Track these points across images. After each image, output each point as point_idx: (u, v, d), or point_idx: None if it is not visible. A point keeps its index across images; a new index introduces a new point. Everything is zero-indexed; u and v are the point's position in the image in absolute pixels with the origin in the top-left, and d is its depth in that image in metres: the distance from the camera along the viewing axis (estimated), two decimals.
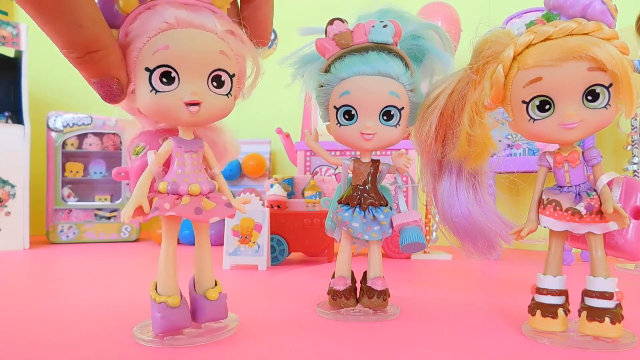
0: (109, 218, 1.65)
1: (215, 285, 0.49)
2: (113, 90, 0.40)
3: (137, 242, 1.65)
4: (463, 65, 0.50)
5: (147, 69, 0.40)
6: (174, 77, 0.40)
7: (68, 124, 1.61)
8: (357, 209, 0.56)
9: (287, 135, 1.37)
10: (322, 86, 0.55)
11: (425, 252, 1.21)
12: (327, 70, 0.54)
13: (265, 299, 0.69)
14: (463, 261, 1.13)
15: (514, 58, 0.44)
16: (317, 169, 1.27)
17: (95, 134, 1.67)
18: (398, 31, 0.52)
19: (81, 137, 1.66)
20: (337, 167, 1.26)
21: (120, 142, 1.68)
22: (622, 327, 0.45)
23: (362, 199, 0.56)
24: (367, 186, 0.57)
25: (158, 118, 0.44)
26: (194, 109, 0.41)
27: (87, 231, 1.61)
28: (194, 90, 0.41)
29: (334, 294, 0.58)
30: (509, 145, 1.21)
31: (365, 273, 0.60)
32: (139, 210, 0.42)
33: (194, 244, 0.50)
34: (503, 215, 0.54)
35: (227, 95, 0.43)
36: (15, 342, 0.46)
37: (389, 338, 0.48)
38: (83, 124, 1.63)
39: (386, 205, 0.57)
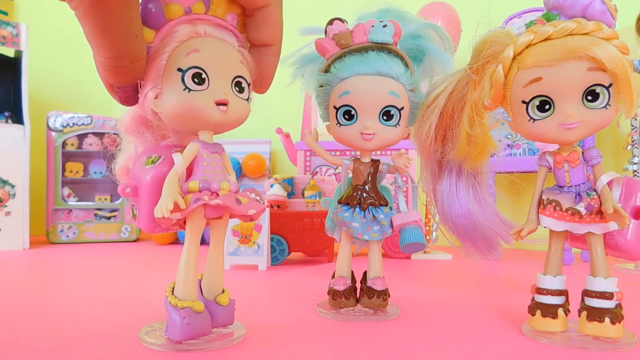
0: (109, 218, 1.65)
1: (223, 291, 0.49)
2: (132, 94, 0.43)
3: (137, 242, 1.65)
4: (463, 65, 0.50)
5: (179, 70, 0.42)
6: (205, 79, 0.42)
7: (68, 124, 1.61)
8: (357, 209, 0.56)
9: (287, 135, 1.37)
10: (321, 86, 0.55)
11: (425, 252, 1.21)
12: (326, 70, 0.54)
13: (266, 299, 0.69)
14: (463, 261, 1.13)
15: (514, 58, 0.44)
16: (317, 169, 1.27)
17: (95, 134, 1.67)
18: (398, 31, 0.52)
19: (81, 137, 1.66)
20: (337, 167, 1.26)
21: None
22: (622, 327, 0.45)
23: (362, 199, 0.56)
24: (367, 186, 0.57)
25: (187, 118, 0.43)
26: (223, 108, 0.43)
27: (87, 231, 1.61)
28: (224, 90, 0.43)
29: (334, 294, 0.58)
30: (509, 145, 1.21)
31: (365, 273, 0.60)
32: (175, 207, 0.42)
33: None
34: (503, 215, 0.54)
35: (247, 100, 0.46)
36: (15, 342, 0.46)
37: (389, 338, 0.48)
38: (83, 124, 1.63)
39: (386, 205, 0.57)
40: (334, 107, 0.54)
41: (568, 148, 0.47)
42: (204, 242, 0.48)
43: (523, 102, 0.45)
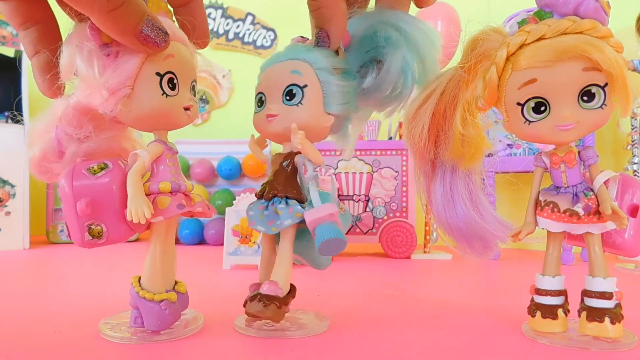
0: None
1: (176, 282, 0.51)
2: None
3: (137, 242, 1.65)
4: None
5: (158, 74, 0.43)
6: (176, 84, 0.45)
7: None
8: (261, 201, 0.53)
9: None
10: None
11: (425, 252, 1.21)
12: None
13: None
14: (463, 261, 1.13)
15: (507, 59, 0.44)
16: (317, 169, 1.27)
17: None
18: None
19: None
20: (337, 167, 1.26)
21: None
22: (622, 327, 0.45)
23: (266, 189, 0.53)
24: (277, 177, 0.52)
25: (159, 121, 0.46)
26: (189, 112, 0.46)
27: None
28: (189, 96, 0.46)
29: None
30: (509, 145, 1.21)
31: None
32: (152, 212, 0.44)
33: (194, 244, 0.51)
34: (501, 214, 0.54)
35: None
36: (14, 342, 0.46)
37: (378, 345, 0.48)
38: None
39: (297, 199, 0.51)
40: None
41: (564, 148, 0.47)
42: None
43: (518, 104, 0.44)
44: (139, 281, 0.48)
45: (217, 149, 1.67)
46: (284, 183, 0.52)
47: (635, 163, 1.10)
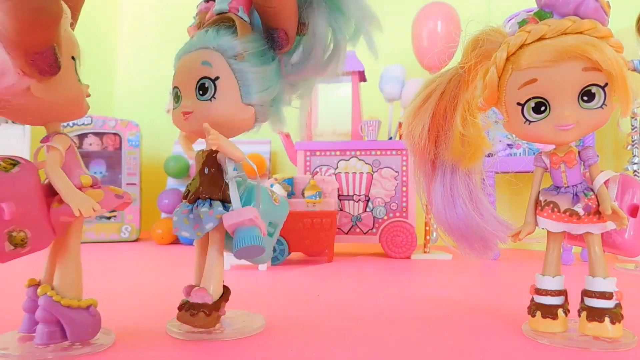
0: (109, 218, 1.65)
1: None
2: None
3: (137, 242, 1.65)
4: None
5: (73, 58, 0.42)
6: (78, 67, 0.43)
7: (68, 124, 1.61)
8: (184, 203, 0.50)
9: (287, 135, 1.37)
10: None
11: (425, 252, 1.21)
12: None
13: (266, 299, 0.69)
14: (463, 261, 1.13)
15: (508, 59, 0.44)
16: (317, 169, 1.27)
17: (95, 134, 1.67)
18: None
19: (81, 137, 1.65)
20: (337, 167, 1.26)
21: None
22: (622, 327, 0.45)
23: (189, 191, 0.50)
24: (201, 178, 0.49)
25: (69, 108, 0.43)
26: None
27: (87, 231, 1.61)
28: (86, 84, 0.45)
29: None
30: (509, 145, 1.21)
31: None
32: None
33: (193, 244, 0.50)
34: (504, 214, 0.54)
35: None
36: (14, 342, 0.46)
37: (379, 341, 0.48)
38: (83, 123, 1.63)
39: (222, 200, 0.48)
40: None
41: (564, 148, 0.47)
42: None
43: (518, 104, 0.44)
44: (52, 289, 0.42)
45: None
46: (208, 183, 0.49)
47: (635, 163, 1.10)
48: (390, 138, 1.30)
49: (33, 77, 0.36)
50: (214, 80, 0.46)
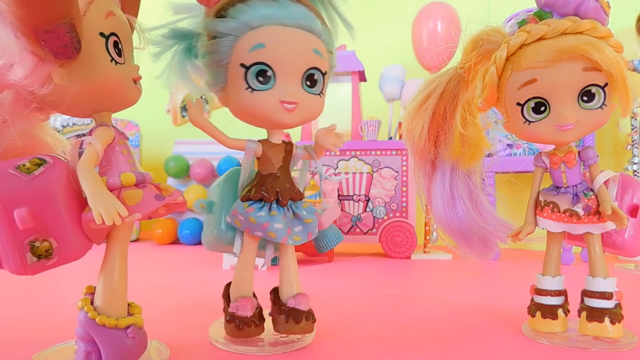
0: None
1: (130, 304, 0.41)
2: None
3: (137, 242, 1.65)
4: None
5: (102, 35, 0.36)
6: (121, 50, 0.39)
7: (68, 124, 1.61)
8: (275, 206, 0.44)
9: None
10: (215, 38, 0.41)
11: (425, 252, 1.21)
12: (221, 16, 0.41)
13: (266, 299, 0.69)
14: (463, 261, 1.13)
15: (507, 59, 0.44)
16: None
17: None
18: None
19: (81, 136, 1.66)
20: (337, 167, 1.26)
21: None
22: (622, 327, 0.45)
23: (280, 192, 0.44)
24: (281, 175, 0.44)
25: (108, 95, 0.38)
26: (139, 86, 0.41)
27: None
28: (135, 66, 0.41)
29: (240, 321, 0.44)
30: (509, 145, 1.21)
31: (276, 290, 0.49)
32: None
33: (194, 244, 0.50)
34: (502, 214, 0.54)
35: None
36: (14, 342, 0.46)
37: (390, 347, 0.48)
38: (83, 123, 1.63)
39: (302, 199, 0.46)
40: (242, 65, 0.40)
41: (564, 148, 0.47)
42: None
43: (518, 104, 0.44)
44: (92, 304, 0.37)
45: (217, 149, 1.65)
46: (292, 182, 0.45)
47: (635, 163, 1.10)
48: (390, 138, 1.30)
49: (51, 63, 0.32)
50: (323, 75, 0.43)
